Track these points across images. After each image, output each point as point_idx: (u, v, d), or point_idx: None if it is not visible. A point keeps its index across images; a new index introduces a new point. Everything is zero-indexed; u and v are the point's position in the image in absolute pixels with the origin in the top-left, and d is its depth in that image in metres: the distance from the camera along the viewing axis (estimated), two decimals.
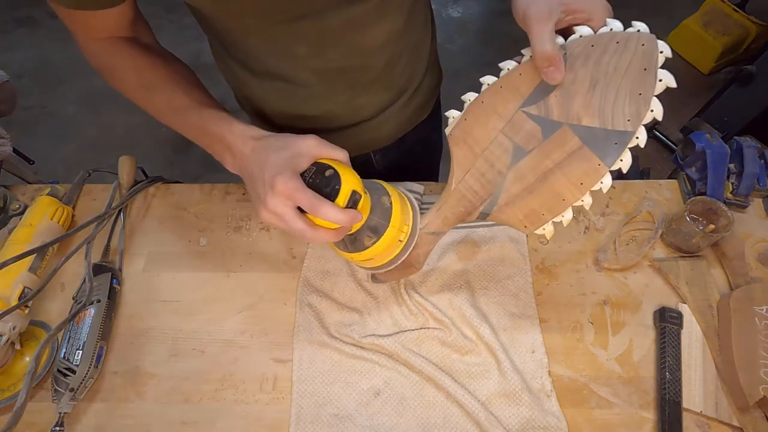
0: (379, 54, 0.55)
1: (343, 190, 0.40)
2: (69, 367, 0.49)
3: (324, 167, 0.42)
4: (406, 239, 0.47)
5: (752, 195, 0.63)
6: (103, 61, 0.50)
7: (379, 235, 0.45)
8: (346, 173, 0.42)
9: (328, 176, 0.41)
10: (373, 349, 0.53)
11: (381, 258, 0.47)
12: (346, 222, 0.40)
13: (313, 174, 0.42)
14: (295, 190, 0.39)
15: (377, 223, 0.45)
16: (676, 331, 0.53)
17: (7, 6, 2.51)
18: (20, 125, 1.97)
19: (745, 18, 1.95)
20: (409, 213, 0.48)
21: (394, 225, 0.45)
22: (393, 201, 0.46)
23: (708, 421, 0.49)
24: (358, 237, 0.45)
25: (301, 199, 0.39)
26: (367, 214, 0.44)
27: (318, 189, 0.40)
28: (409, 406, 0.50)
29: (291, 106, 0.60)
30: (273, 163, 0.40)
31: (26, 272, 0.54)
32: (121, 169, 0.66)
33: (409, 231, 0.47)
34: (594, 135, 0.37)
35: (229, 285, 0.59)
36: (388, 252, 0.47)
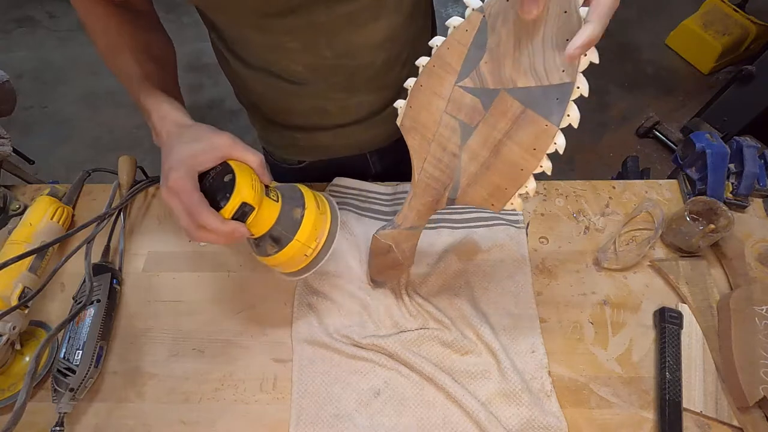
0: (375, 53, 0.55)
1: (231, 201, 0.40)
2: (69, 367, 0.49)
3: (227, 171, 0.41)
4: (313, 255, 0.47)
5: (752, 195, 0.63)
6: (83, 17, 0.51)
7: (282, 247, 0.45)
8: (243, 182, 0.41)
9: (225, 182, 0.41)
10: (373, 350, 0.53)
11: (286, 267, 0.47)
12: (225, 234, 0.40)
13: (213, 176, 0.41)
14: (182, 189, 0.39)
15: (281, 234, 0.45)
16: (676, 331, 0.53)
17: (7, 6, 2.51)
18: (20, 125, 1.97)
19: (745, 18, 1.95)
20: (325, 229, 0.47)
21: (300, 239, 0.45)
22: (306, 214, 0.45)
23: (708, 421, 0.49)
24: (260, 244, 0.45)
25: (184, 201, 0.39)
26: (272, 222, 0.44)
27: (211, 193, 0.40)
28: (409, 406, 0.50)
29: (285, 101, 0.60)
30: (176, 155, 0.41)
31: (26, 272, 0.54)
32: (121, 169, 0.66)
33: (318, 247, 0.46)
34: (533, 95, 0.35)
35: (229, 285, 0.59)
36: (293, 263, 0.47)
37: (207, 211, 0.39)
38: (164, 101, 0.47)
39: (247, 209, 0.41)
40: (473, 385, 0.51)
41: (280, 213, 0.44)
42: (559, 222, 0.63)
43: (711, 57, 2.02)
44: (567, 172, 1.80)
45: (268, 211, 0.44)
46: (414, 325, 0.55)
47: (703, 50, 2.03)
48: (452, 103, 0.39)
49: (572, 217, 0.64)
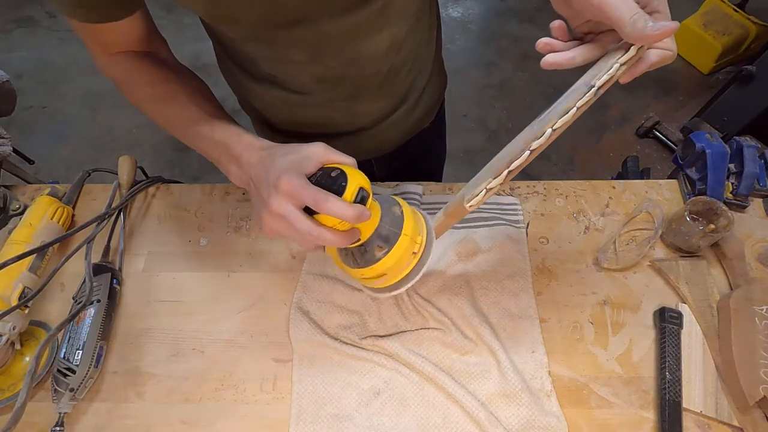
0: (381, 62, 0.55)
1: (350, 185, 0.38)
2: (69, 367, 0.49)
3: (330, 169, 0.40)
4: (421, 251, 0.44)
5: (752, 195, 0.63)
6: (117, 75, 0.50)
7: (391, 245, 0.42)
8: (352, 172, 0.40)
9: (334, 176, 0.39)
10: (373, 350, 0.53)
11: (394, 273, 0.44)
12: (354, 217, 0.37)
13: (319, 176, 0.40)
14: (299, 187, 0.37)
15: (388, 231, 0.42)
16: (676, 331, 0.53)
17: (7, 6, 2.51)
18: (20, 125, 1.97)
19: (745, 18, 1.95)
20: (422, 225, 0.45)
21: (407, 233, 0.42)
22: (404, 209, 0.44)
23: (708, 421, 0.49)
24: (368, 248, 0.42)
25: (305, 196, 0.37)
26: (378, 220, 0.42)
27: (324, 187, 0.38)
28: (409, 406, 0.50)
29: (291, 111, 0.60)
30: (278, 166, 0.39)
31: (26, 272, 0.54)
32: (121, 169, 0.66)
33: (423, 242, 0.44)
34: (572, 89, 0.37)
35: (229, 285, 0.59)
36: (402, 266, 0.43)
37: (330, 197, 0.37)
38: (242, 132, 0.45)
39: (365, 194, 0.40)
40: (473, 385, 0.51)
41: (382, 210, 0.43)
42: (559, 222, 0.63)
43: (711, 57, 2.02)
44: (567, 172, 1.80)
45: (374, 207, 0.42)
46: (414, 325, 0.55)
47: (703, 50, 2.03)
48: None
49: (572, 217, 0.64)
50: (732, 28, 1.96)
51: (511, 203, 0.64)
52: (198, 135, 0.47)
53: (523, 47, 2.23)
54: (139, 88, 0.50)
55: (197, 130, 0.47)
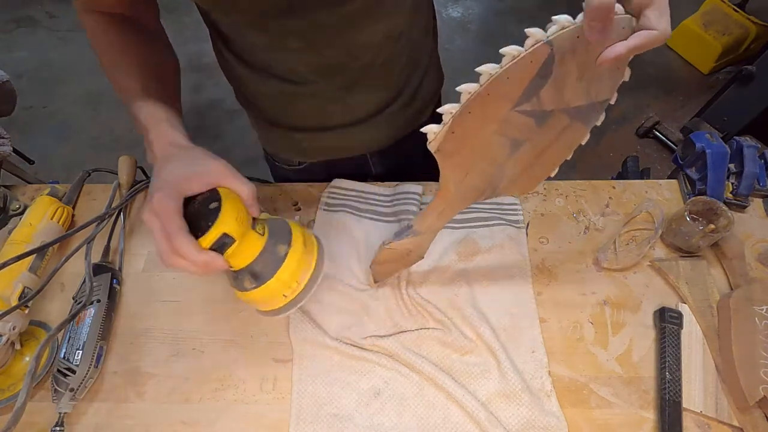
0: (376, 53, 0.55)
1: (212, 230, 0.38)
2: (69, 367, 0.49)
3: (214, 198, 0.40)
4: (293, 296, 0.45)
5: (752, 195, 0.63)
6: (90, 32, 0.50)
7: (260, 283, 0.43)
8: (228, 212, 0.39)
9: (209, 209, 0.39)
10: (373, 350, 0.53)
11: (262, 305, 0.46)
12: (199, 264, 0.38)
13: (200, 202, 0.40)
14: (164, 212, 0.38)
15: (260, 270, 0.43)
16: (676, 331, 0.53)
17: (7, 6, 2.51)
18: (20, 125, 1.97)
19: (745, 18, 1.95)
20: (309, 269, 0.45)
21: (280, 278, 0.43)
22: (291, 253, 0.44)
23: (708, 421, 0.49)
24: (239, 277, 0.43)
25: (165, 225, 0.38)
26: (255, 255, 0.42)
27: (194, 219, 0.39)
28: (409, 406, 0.50)
29: (286, 102, 0.60)
30: (165, 176, 0.40)
31: (26, 272, 0.54)
32: (121, 169, 0.66)
33: (299, 288, 0.45)
34: (581, 111, 0.39)
35: (229, 285, 0.59)
36: (270, 302, 0.45)
37: (184, 237, 0.38)
38: (163, 120, 0.46)
39: (228, 241, 0.40)
40: (473, 385, 0.51)
41: (263, 248, 0.43)
42: (559, 222, 0.63)
43: (711, 57, 2.02)
44: (567, 172, 1.80)
45: (251, 245, 0.42)
46: (414, 325, 0.55)
47: (703, 50, 2.03)
48: (504, 124, 0.39)
49: (572, 217, 0.64)
50: (732, 28, 1.96)
51: (511, 203, 0.64)
52: (131, 109, 0.48)
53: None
54: (100, 49, 0.50)
55: (131, 104, 0.48)
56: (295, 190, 0.67)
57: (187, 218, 0.39)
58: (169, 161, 0.42)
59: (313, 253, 0.47)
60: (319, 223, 0.63)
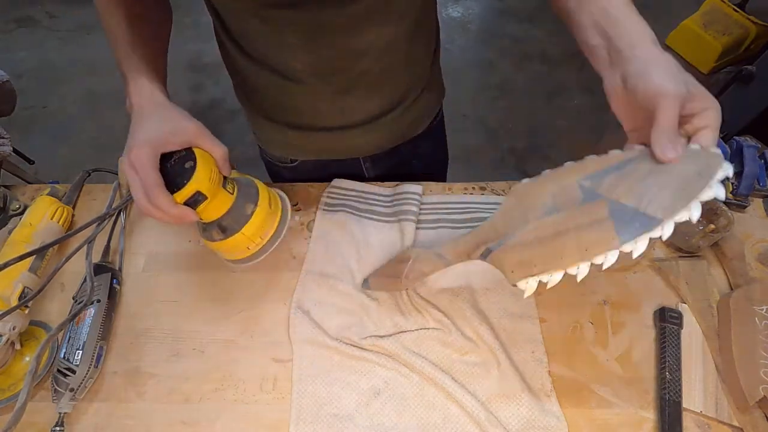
0: (374, 59, 0.55)
1: (186, 187, 0.42)
2: (69, 367, 0.49)
3: (189, 158, 0.43)
4: (255, 249, 0.51)
5: (752, 195, 0.63)
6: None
7: (227, 236, 0.49)
8: (202, 172, 0.43)
9: (185, 168, 0.43)
10: (373, 350, 0.53)
11: (227, 254, 0.52)
12: (173, 217, 0.42)
13: (176, 160, 0.43)
14: (142, 166, 0.41)
15: (228, 225, 0.48)
16: (676, 331, 0.53)
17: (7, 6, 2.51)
18: (20, 125, 1.97)
19: (745, 18, 1.95)
20: (272, 227, 0.51)
21: (245, 233, 0.49)
22: (257, 211, 0.49)
23: (708, 421, 0.49)
24: (207, 228, 0.49)
25: (143, 179, 0.41)
26: (224, 211, 0.47)
27: (170, 176, 0.42)
28: (409, 406, 0.50)
29: (282, 97, 0.60)
30: (143, 132, 0.43)
31: (26, 272, 0.54)
32: (121, 170, 0.66)
33: (262, 243, 0.51)
34: (623, 211, 0.37)
35: (229, 285, 0.59)
36: (234, 253, 0.52)
37: (161, 191, 0.41)
38: (144, 73, 0.47)
39: (200, 198, 0.44)
40: (473, 385, 0.51)
41: (232, 205, 0.48)
42: None
43: (711, 57, 2.02)
44: None
45: (221, 202, 0.47)
46: (414, 325, 0.55)
47: (703, 50, 2.03)
48: (561, 189, 0.41)
49: None
50: (732, 28, 1.96)
51: None
52: (115, 54, 0.49)
53: (523, 47, 2.23)
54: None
55: (116, 49, 0.49)
56: (295, 190, 0.67)
57: (163, 174, 0.42)
58: (146, 117, 0.44)
59: (278, 212, 0.53)
60: (319, 223, 0.63)
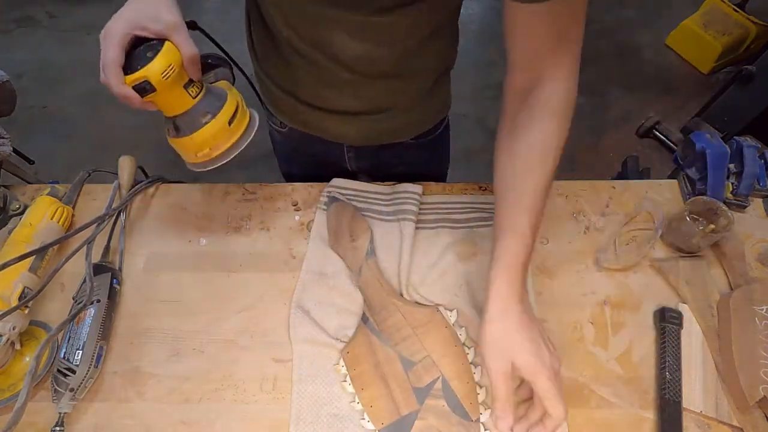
0: (352, 62, 0.55)
1: (137, 72, 0.43)
2: (69, 367, 0.49)
3: (155, 49, 0.44)
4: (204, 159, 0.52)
5: (752, 195, 0.63)
6: None
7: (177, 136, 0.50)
8: (159, 63, 0.43)
9: (146, 56, 0.44)
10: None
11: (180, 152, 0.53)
12: (119, 96, 0.44)
13: (144, 46, 0.44)
14: (110, 40, 0.42)
15: (181, 125, 0.49)
16: (676, 331, 0.53)
17: (7, 6, 2.51)
18: (20, 125, 1.97)
19: (745, 18, 1.95)
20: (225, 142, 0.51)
21: (194, 140, 0.50)
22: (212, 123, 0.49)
23: (708, 421, 0.49)
24: (166, 122, 0.51)
25: (105, 50, 0.42)
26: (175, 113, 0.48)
27: (130, 57, 0.43)
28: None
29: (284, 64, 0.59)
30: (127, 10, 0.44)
31: (26, 272, 0.54)
32: (121, 170, 0.66)
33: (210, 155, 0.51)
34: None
35: (229, 285, 0.59)
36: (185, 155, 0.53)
37: (113, 67, 0.42)
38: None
39: (148, 87, 0.44)
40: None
41: (190, 109, 0.49)
42: (559, 222, 0.63)
43: (711, 57, 2.02)
44: (567, 172, 1.80)
45: (176, 101, 0.48)
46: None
47: (703, 50, 2.03)
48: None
49: (572, 217, 0.64)
50: (732, 28, 1.96)
51: None
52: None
53: None
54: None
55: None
56: (295, 190, 0.67)
57: (128, 55, 0.44)
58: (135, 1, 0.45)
59: (238, 131, 0.52)
60: (319, 223, 0.63)
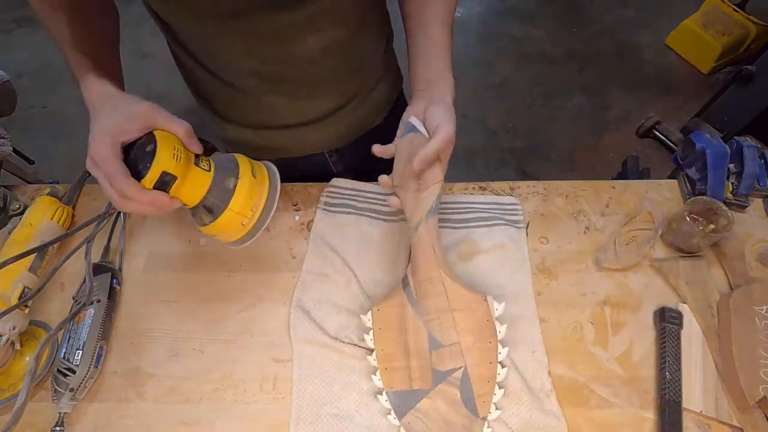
0: (319, 63, 0.55)
1: (151, 170, 0.40)
2: (69, 367, 0.49)
3: (150, 141, 0.41)
4: (251, 224, 0.48)
5: (752, 195, 0.63)
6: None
7: (216, 216, 0.46)
8: (164, 152, 0.41)
9: (146, 152, 0.41)
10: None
11: (224, 236, 0.49)
12: (147, 204, 0.40)
13: (138, 147, 0.42)
14: (103, 159, 0.39)
15: (213, 204, 0.46)
16: (676, 331, 0.53)
17: (7, 6, 2.51)
18: (20, 125, 1.97)
19: (745, 18, 1.95)
20: (262, 197, 0.48)
21: (233, 208, 0.46)
22: (240, 183, 0.46)
23: (708, 421, 0.49)
24: (196, 213, 0.47)
25: (106, 171, 0.39)
26: (204, 192, 0.45)
27: (134, 163, 0.41)
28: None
29: (234, 99, 0.60)
30: (100, 126, 0.41)
31: (26, 272, 0.54)
32: None
33: (255, 216, 0.48)
34: None
35: (229, 285, 0.59)
36: (231, 232, 0.48)
37: (126, 179, 0.39)
38: (92, 70, 0.46)
39: (168, 178, 0.42)
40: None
41: (212, 183, 0.46)
42: (559, 222, 0.63)
43: (711, 57, 2.02)
44: (567, 172, 1.80)
45: (198, 181, 0.45)
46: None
47: (703, 50, 2.03)
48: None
49: (572, 217, 0.64)
50: (732, 28, 1.96)
51: (511, 203, 0.64)
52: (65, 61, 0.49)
53: (523, 47, 2.23)
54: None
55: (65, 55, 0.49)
56: (295, 190, 0.67)
57: (128, 164, 0.41)
58: (99, 111, 0.43)
59: (264, 181, 0.50)
60: (319, 223, 0.63)
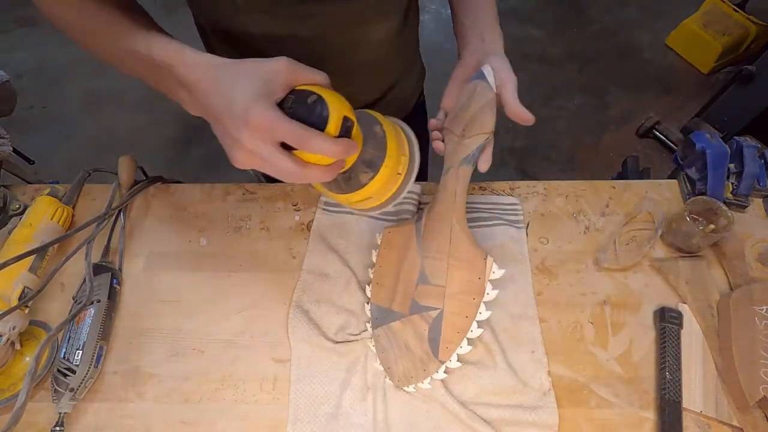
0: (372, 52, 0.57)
1: (332, 117, 0.34)
2: (69, 367, 0.49)
3: (304, 94, 0.35)
4: (405, 171, 0.42)
5: (752, 195, 0.63)
6: (51, 9, 0.42)
7: (376, 169, 0.40)
8: (331, 98, 0.35)
9: (311, 103, 0.35)
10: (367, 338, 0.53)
11: (380, 195, 0.43)
12: (341, 153, 0.34)
13: (292, 103, 0.35)
14: (275, 122, 0.32)
15: (372, 155, 0.40)
16: (676, 331, 0.53)
17: (7, 6, 2.51)
18: (20, 125, 1.97)
19: (745, 18, 1.95)
20: (404, 142, 0.43)
21: (391, 155, 0.40)
22: (385, 127, 0.41)
23: (708, 421, 0.49)
24: (352, 174, 0.40)
25: (285, 133, 0.33)
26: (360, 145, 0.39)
27: (302, 119, 0.34)
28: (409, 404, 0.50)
29: None
30: (242, 93, 0.33)
31: (26, 272, 0.54)
32: (121, 169, 0.66)
33: (407, 162, 0.43)
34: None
35: (229, 285, 0.59)
36: (387, 187, 0.42)
37: (313, 134, 0.33)
38: (184, 47, 0.38)
39: (349, 124, 0.36)
40: (469, 384, 0.51)
41: (364, 133, 0.40)
42: (559, 222, 0.63)
43: (711, 57, 2.02)
44: (567, 172, 1.80)
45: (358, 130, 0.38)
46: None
47: (703, 50, 2.03)
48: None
49: (572, 217, 0.64)
50: (732, 28, 1.96)
51: (511, 203, 0.64)
52: (133, 55, 0.40)
53: (523, 47, 2.23)
54: (71, 18, 0.42)
55: (131, 48, 0.39)
56: (295, 190, 0.67)
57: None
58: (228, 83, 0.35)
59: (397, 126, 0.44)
60: (319, 223, 0.63)
